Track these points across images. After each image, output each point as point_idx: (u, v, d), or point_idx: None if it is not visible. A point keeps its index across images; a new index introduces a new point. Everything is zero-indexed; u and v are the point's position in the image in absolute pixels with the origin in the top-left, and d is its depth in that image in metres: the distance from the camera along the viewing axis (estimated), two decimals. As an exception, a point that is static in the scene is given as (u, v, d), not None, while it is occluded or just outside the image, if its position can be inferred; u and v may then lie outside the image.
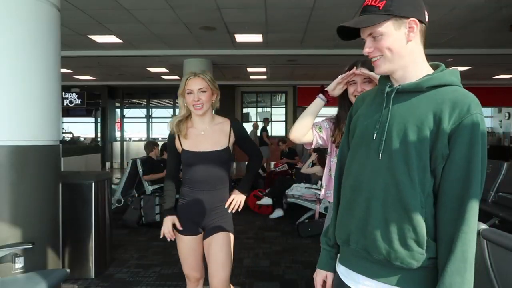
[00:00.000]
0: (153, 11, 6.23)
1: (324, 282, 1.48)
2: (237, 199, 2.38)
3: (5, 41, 2.84)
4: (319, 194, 5.88)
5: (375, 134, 1.27)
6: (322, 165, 2.28)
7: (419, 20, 1.25)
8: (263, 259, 4.49)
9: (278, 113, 15.55)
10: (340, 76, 2.05)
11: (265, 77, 13.00)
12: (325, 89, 2.08)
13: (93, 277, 3.87)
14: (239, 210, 2.40)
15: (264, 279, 3.91)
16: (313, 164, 6.79)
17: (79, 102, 13.96)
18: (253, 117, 15.68)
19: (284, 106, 15.38)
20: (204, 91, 2.31)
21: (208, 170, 2.33)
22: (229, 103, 14.40)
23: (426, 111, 1.21)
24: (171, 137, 2.41)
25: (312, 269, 3.57)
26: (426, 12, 1.28)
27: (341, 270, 1.37)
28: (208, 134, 2.37)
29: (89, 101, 14.30)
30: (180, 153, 2.40)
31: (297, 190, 6.23)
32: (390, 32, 1.25)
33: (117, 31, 7.38)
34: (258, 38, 7.86)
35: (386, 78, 1.34)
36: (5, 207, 2.85)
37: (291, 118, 15.00)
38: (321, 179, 2.31)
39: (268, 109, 15.73)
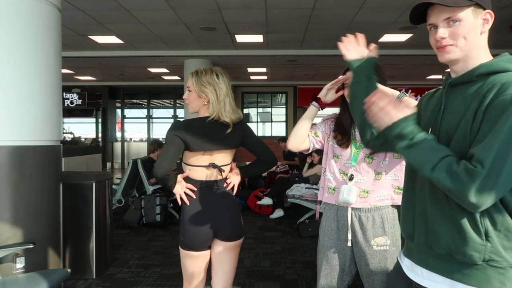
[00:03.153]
0: (153, 12, 6.23)
1: None
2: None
3: (6, 41, 2.84)
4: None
5: (430, 130, 1.28)
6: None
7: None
8: (263, 259, 4.49)
9: (279, 113, 15.55)
10: (330, 83, 2.06)
11: (265, 77, 13.00)
12: (318, 96, 2.07)
13: (94, 277, 3.87)
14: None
15: (265, 279, 3.91)
16: (312, 165, 6.80)
17: (79, 103, 13.97)
18: (254, 118, 15.68)
19: (284, 106, 15.37)
20: (190, 91, 2.20)
21: None
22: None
23: (472, 101, 1.17)
24: None
25: (313, 269, 3.58)
26: None
27: (406, 263, 1.37)
28: None
29: (89, 101, 14.31)
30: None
31: (297, 190, 6.23)
32: (469, 19, 1.21)
33: (118, 32, 7.39)
34: (258, 38, 7.87)
35: (448, 74, 1.32)
36: (6, 207, 2.85)
37: (292, 118, 15.00)
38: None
39: (269, 110, 15.73)
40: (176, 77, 12.33)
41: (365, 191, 2.03)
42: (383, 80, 2.01)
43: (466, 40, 1.22)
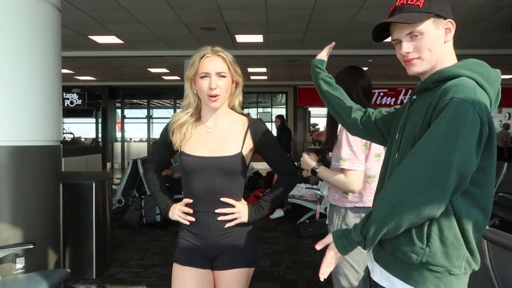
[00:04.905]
0: (153, 12, 6.23)
1: None
2: (237, 214, 1.73)
3: (6, 41, 2.84)
4: (319, 195, 5.89)
5: (397, 135, 1.33)
6: (324, 165, 2.32)
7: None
8: (264, 260, 4.49)
9: (279, 113, 15.54)
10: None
11: (265, 77, 13.00)
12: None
13: (94, 277, 3.87)
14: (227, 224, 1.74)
15: (265, 279, 3.91)
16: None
17: (79, 103, 13.98)
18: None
19: (284, 106, 15.37)
20: (224, 76, 1.71)
21: (211, 183, 1.71)
22: (229, 104, 14.39)
23: (424, 108, 1.20)
24: (166, 133, 1.84)
25: (313, 269, 3.56)
26: None
27: (370, 258, 1.42)
28: (216, 134, 1.76)
29: (89, 101, 14.33)
30: (175, 153, 1.87)
31: (297, 190, 6.23)
32: (431, 32, 1.23)
33: (118, 32, 7.39)
34: (258, 38, 7.87)
35: (419, 80, 1.35)
36: (6, 208, 2.85)
37: (292, 118, 15.00)
38: (322, 179, 2.33)
39: (269, 110, 15.73)
40: (176, 77, 12.32)
41: (329, 188, 2.29)
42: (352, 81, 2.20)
43: (431, 52, 1.23)
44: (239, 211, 1.73)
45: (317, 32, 7.36)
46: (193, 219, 1.75)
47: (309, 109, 15.47)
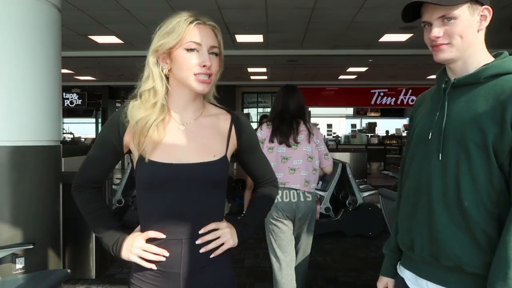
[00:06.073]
0: (153, 12, 6.23)
1: None
2: (224, 237, 1.27)
3: (6, 41, 2.84)
4: (319, 195, 5.89)
5: (430, 134, 1.21)
6: None
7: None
8: (264, 259, 4.49)
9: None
10: None
11: (265, 77, 13.00)
12: None
13: (94, 278, 3.87)
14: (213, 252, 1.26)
15: (265, 279, 3.91)
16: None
17: (79, 103, 13.99)
18: (254, 118, 15.69)
19: (284, 106, 15.37)
20: (217, 54, 1.27)
21: (188, 198, 1.24)
22: (229, 104, 14.43)
23: (485, 104, 1.11)
24: (115, 124, 1.34)
25: (312, 269, 3.54)
26: None
27: (408, 275, 1.30)
28: (193, 132, 1.28)
29: (89, 101, 14.34)
30: (131, 162, 1.37)
31: (297, 191, 6.22)
32: (465, 17, 1.14)
33: (118, 32, 7.39)
34: (258, 38, 7.87)
35: (442, 73, 1.26)
36: (5, 208, 2.85)
37: (292, 119, 15.00)
38: (321, 179, 2.50)
39: (269, 110, 15.73)
40: (176, 77, 12.33)
41: None
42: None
43: (462, 38, 1.15)
44: (225, 232, 1.27)
45: (317, 32, 7.36)
46: (163, 258, 1.23)
47: (309, 109, 15.48)
